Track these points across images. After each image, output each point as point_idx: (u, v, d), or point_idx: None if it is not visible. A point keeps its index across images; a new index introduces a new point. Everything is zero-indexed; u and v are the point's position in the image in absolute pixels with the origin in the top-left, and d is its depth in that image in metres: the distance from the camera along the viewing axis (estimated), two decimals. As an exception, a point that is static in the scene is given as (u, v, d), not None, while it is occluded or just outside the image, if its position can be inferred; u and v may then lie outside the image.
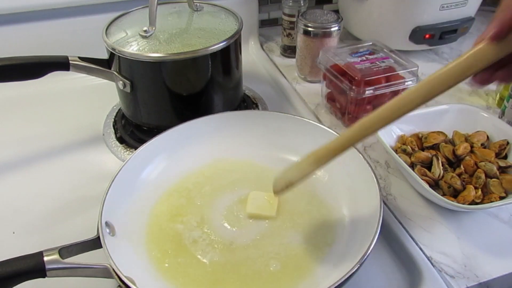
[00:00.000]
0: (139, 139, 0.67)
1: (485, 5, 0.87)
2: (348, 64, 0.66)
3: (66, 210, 0.57)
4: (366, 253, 0.41)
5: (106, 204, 0.47)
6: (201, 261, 0.47)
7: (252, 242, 0.49)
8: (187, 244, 0.49)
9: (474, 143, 0.59)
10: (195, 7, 0.69)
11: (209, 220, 0.52)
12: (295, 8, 0.85)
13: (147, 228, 0.51)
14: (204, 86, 0.64)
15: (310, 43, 0.77)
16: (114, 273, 0.40)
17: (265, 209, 0.52)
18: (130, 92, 0.63)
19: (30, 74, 0.60)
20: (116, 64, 0.62)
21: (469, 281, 0.47)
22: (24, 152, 0.66)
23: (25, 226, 0.55)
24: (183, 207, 0.54)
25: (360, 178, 0.52)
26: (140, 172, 0.56)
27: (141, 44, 0.61)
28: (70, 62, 0.61)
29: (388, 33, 0.87)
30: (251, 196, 0.53)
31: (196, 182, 0.57)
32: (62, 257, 0.41)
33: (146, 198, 0.54)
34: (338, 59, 0.68)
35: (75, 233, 0.46)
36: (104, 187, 0.49)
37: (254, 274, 0.46)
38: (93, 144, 0.68)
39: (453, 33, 0.85)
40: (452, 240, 0.51)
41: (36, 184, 0.61)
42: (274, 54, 0.92)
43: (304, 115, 0.70)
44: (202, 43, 0.61)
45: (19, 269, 0.39)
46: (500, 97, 0.73)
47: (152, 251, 0.48)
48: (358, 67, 0.65)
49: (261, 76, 0.86)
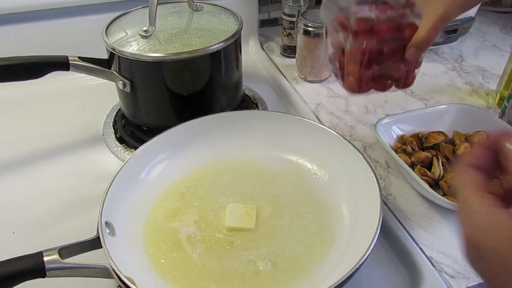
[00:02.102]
0: (139, 139, 0.67)
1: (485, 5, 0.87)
2: (351, 13, 0.52)
3: (66, 210, 0.57)
4: (366, 253, 0.41)
5: (106, 204, 0.47)
6: (192, 256, 0.48)
7: (251, 242, 0.49)
8: (181, 239, 0.49)
9: (474, 143, 0.59)
10: (195, 7, 0.69)
11: (206, 218, 0.52)
12: (295, 8, 0.85)
13: (146, 227, 0.51)
14: (204, 86, 0.64)
15: (310, 43, 0.77)
16: (114, 273, 0.40)
17: (244, 221, 0.51)
18: (130, 92, 0.63)
19: (30, 74, 0.60)
20: (116, 64, 0.62)
21: (469, 281, 0.47)
22: (24, 152, 0.66)
23: (25, 226, 0.55)
24: (182, 207, 0.54)
25: (360, 178, 0.52)
26: (140, 172, 0.56)
27: (141, 44, 0.61)
28: (70, 62, 0.61)
29: (388, 33, 0.87)
30: (228, 209, 0.52)
31: (195, 182, 0.57)
32: (62, 257, 0.41)
33: (146, 197, 0.54)
34: (341, 9, 0.53)
35: (75, 233, 0.46)
36: (104, 187, 0.49)
37: (252, 274, 0.46)
38: (93, 144, 0.68)
39: (453, 33, 0.85)
40: (452, 240, 0.51)
41: (36, 184, 0.61)
42: (274, 54, 0.92)
43: (304, 115, 0.70)
44: (202, 43, 0.61)
45: (19, 269, 0.39)
46: (500, 97, 0.73)
47: (150, 249, 0.49)
48: (361, 15, 0.51)
49: (261, 76, 0.86)
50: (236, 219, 0.51)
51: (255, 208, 0.52)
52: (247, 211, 0.52)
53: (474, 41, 0.95)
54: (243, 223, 0.51)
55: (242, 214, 0.51)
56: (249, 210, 0.52)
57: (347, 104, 0.75)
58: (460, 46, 0.92)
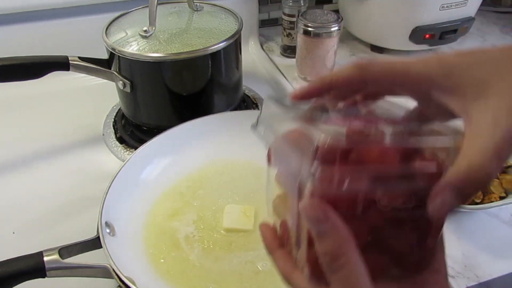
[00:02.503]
0: (139, 139, 0.67)
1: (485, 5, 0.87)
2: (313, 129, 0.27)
3: (66, 210, 0.57)
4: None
5: (106, 204, 0.47)
6: (190, 256, 0.48)
7: (250, 243, 0.49)
8: (179, 239, 0.49)
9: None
10: (195, 7, 0.69)
11: (205, 218, 0.52)
12: (295, 8, 0.85)
13: (146, 227, 0.51)
14: (204, 86, 0.64)
15: (310, 43, 0.77)
16: (114, 273, 0.40)
17: (242, 222, 0.51)
18: (130, 92, 0.63)
19: (30, 74, 0.60)
20: (116, 64, 0.62)
21: (469, 281, 0.47)
22: (24, 152, 0.66)
23: (25, 226, 0.55)
24: (181, 207, 0.54)
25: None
26: (140, 172, 0.56)
27: (141, 44, 0.61)
28: (70, 62, 0.61)
29: (388, 33, 0.87)
30: (226, 210, 0.52)
31: (195, 182, 0.57)
32: (62, 257, 0.41)
33: (146, 197, 0.54)
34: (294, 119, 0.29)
35: (75, 233, 0.46)
36: (104, 187, 0.49)
37: (251, 274, 0.46)
38: (93, 144, 0.67)
39: (453, 33, 0.85)
40: (452, 240, 0.51)
41: (36, 184, 0.61)
42: (274, 54, 0.92)
43: (304, 115, 0.70)
44: (202, 43, 0.61)
45: (19, 269, 0.39)
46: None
47: (150, 248, 0.49)
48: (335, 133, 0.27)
49: (261, 76, 0.86)
50: (234, 220, 0.51)
51: (253, 209, 0.52)
52: (245, 212, 0.52)
53: (474, 41, 0.95)
54: (241, 224, 0.51)
55: (240, 215, 0.51)
56: (247, 211, 0.52)
57: (347, 104, 0.75)
58: (460, 46, 0.92)
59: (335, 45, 0.77)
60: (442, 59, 0.25)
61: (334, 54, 0.79)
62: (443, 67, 0.25)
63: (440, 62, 0.25)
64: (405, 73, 0.26)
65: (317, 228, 0.24)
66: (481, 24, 1.01)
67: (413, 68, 0.26)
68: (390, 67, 0.26)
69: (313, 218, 0.24)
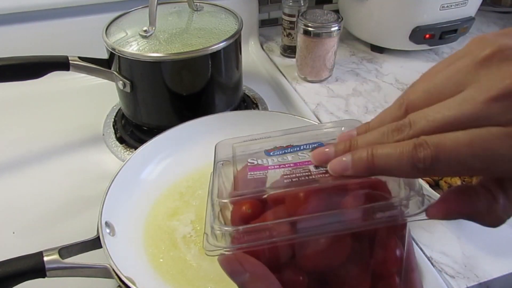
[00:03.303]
0: (139, 139, 0.67)
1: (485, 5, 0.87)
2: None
3: (66, 210, 0.57)
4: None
5: (106, 204, 0.47)
6: (187, 256, 0.47)
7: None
8: (177, 238, 0.49)
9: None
10: (195, 7, 0.69)
11: (203, 218, 0.52)
12: (295, 8, 0.85)
13: (146, 227, 0.51)
14: (204, 86, 0.64)
15: (310, 43, 0.77)
16: (114, 273, 0.40)
17: None
18: (130, 92, 0.63)
19: (30, 74, 0.60)
20: (116, 64, 0.62)
21: (469, 281, 0.47)
22: (24, 152, 0.66)
23: (25, 226, 0.55)
24: (181, 206, 0.54)
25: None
26: (140, 172, 0.56)
27: (141, 44, 0.61)
28: (70, 62, 0.61)
29: (388, 33, 0.87)
30: None
31: (195, 181, 0.57)
32: (62, 257, 0.41)
33: (146, 197, 0.54)
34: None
35: (75, 233, 0.46)
36: (104, 187, 0.49)
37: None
38: (93, 144, 0.67)
39: (453, 33, 0.85)
40: (452, 240, 0.51)
41: (36, 184, 0.61)
42: (274, 54, 0.92)
43: (304, 115, 0.70)
44: (202, 43, 0.61)
45: (19, 269, 0.39)
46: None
47: (149, 248, 0.49)
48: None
49: (261, 76, 0.86)
50: None
51: None
52: None
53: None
54: None
55: None
56: None
57: (347, 104, 0.75)
58: (460, 46, 0.92)
59: (335, 45, 0.77)
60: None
61: (334, 54, 0.79)
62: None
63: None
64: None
65: (237, 280, 0.24)
66: (481, 24, 1.01)
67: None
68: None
69: (229, 271, 0.25)
